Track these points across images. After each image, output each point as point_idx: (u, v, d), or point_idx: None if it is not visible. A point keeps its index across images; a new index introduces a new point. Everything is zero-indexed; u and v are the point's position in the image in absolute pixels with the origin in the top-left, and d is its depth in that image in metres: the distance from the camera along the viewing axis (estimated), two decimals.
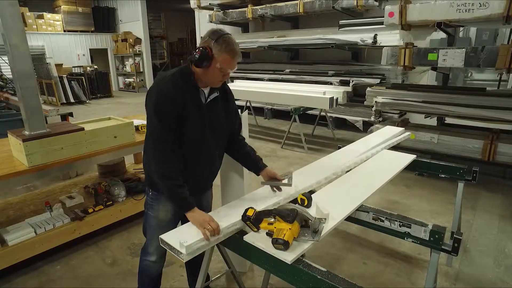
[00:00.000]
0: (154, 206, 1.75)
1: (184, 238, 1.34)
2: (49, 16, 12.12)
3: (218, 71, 1.52)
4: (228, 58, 1.50)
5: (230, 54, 1.49)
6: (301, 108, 5.41)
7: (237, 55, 1.52)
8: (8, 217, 2.83)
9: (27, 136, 2.38)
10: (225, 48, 1.48)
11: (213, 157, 1.75)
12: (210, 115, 1.64)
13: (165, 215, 1.75)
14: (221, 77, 1.55)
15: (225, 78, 1.58)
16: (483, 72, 6.00)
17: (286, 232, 1.26)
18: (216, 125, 1.69)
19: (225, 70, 1.52)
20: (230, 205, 1.66)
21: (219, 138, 1.73)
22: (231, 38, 1.51)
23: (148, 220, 1.80)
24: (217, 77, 1.55)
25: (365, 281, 2.36)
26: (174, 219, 1.79)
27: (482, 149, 3.63)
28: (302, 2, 6.39)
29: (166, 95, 1.52)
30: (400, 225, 1.62)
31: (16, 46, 2.29)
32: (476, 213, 3.26)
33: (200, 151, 1.66)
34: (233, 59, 1.52)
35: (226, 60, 1.49)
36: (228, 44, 1.48)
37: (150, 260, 1.85)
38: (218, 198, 2.44)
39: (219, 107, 1.69)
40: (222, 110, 1.71)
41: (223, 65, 1.50)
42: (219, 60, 1.49)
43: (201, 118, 1.61)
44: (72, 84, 10.96)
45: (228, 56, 1.49)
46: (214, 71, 1.52)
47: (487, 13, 3.07)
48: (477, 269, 2.47)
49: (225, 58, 1.49)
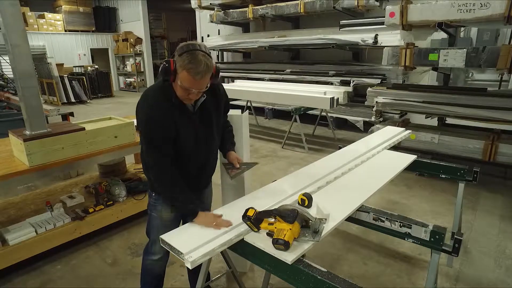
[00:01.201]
0: (157, 207, 1.77)
1: (185, 240, 1.34)
2: (50, 15, 12.14)
3: (180, 88, 1.44)
4: (187, 76, 1.39)
5: (189, 72, 1.38)
6: (302, 108, 5.41)
7: (198, 75, 1.39)
8: (9, 217, 2.84)
9: (28, 136, 2.38)
10: (185, 65, 1.38)
11: (209, 157, 1.77)
12: (201, 121, 1.64)
13: (168, 215, 1.78)
14: (185, 94, 1.46)
15: (191, 97, 1.48)
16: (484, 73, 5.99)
17: (287, 233, 1.26)
18: (209, 128, 1.69)
19: (186, 88, 1.43)
20: (230, 205, 1.66)
21: (213, 139, 1.74)
22: (195, 55, 1.38)
23: (151, 221, 1.82)
24: (181, 94, 1.48)
25: (365, 282, 2.36)
26: (176, 218, 1.83)
27: (483, 150, 3.62)
28: (303, 2, 6.39)
29: (154, 121, 1.51)
30: (401, 225, 1.62)
31: (17, 46, 2.29)
32: (476, 213, 3.26)
33: (196, 157, 1.69)
34: (193, 79, 1.39)
35: (185, 78, 1.40)
36: (189, 61, 1.37)
37: (154, 258, 1.88)
38: (219, 198, 2.44)
39: (210, 109, 1.67)
40: (213, 110, 1.69)
41: (183, 83, 1.42)
42: (180, 77, 1.42)
43: (192, 129, 1.61)
44: (73, 84, 10.97)
45: (186, 74, 1.39)
46: (177, 87, 1.46)
47: (488, 13, 3.07)
48: (477, 269, 2.47)
49: (184, 75, 1.40)
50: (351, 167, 2.15)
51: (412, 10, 3.56)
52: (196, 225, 1.49)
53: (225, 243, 1.36)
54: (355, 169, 2.15)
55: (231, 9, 7.86)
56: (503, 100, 3.50)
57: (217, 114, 1.74)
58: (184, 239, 1.36)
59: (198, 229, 1.45)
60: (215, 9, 8.33)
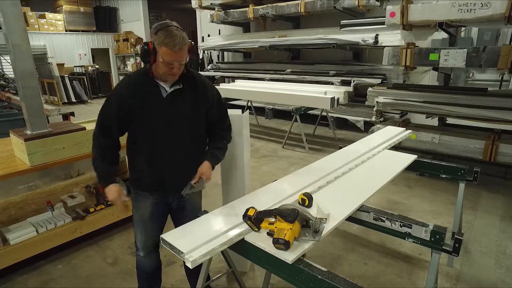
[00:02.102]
0: (134, 203, 1.85)
1: (186, 239, 1.35)
2: (51, 15, 12.15)
3: (162, 64, 1.51)
4: (166, 50, 1.47)
5: (168, 46, 1.46)
6: (302, 108, 5.41)
7: (175, 47, 1.47)
8: (10, 216, 2.84)
9: (29, 135, 2.39)
10: (162, 41, 1.46)
11: (176, 153, 1.70)
12: (170, 108, 1.63)
13: (146, 211, 1.82)
14: (168, 69, 1.53)
15: (175, 71, 1.54)
16: (484, 72, 5.99)
17: (287, 232, 1.26)
18: (178, 118, 1.66)
19: (167, 63, 1.50)
20: (231, 205, 1.66)
21: (182, 133, 1.69)
22: (170, 30, 1.47)
23: (133, 216, 1.89)
24: (164, 70, 1.53)
25: (366, 281, 2.36)
26: (156, 215, 1.84)
27: (483, 150, 3.62)
28: (304, 2, 6.39)
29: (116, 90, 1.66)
30: (401, 225, 1.62)
31: (18, 46, 2.30)
32: (477, 213, 3.26)
33: (157, 146, 1.67)
34: (171, 51, 1.47)
35: (165, 52, 1.47)
36: (165, 36, 1.46)
37: (140, 255, 1.94)
38: (219, 198, 2.44)
39: (184, 100, 1.66)
40: (188, 103, 1.67)
41: (164, 57, 1.48)
42: (160, 53, 1.49)
43: (157, 113, 1.62)
44: (74, 84, 10.98)
45: (166, 49, 1.47)
46: (159, 65, 1.52)
47: (489, 13, 3.06)
48: (478, 269, 2.47)
49: (164, 50, 1.47)
50: (351, 167, 2.15)
51: (413, 10, 3.56)
52: (197, 225, 1.49)
53: (226, 242, 1.36)
54: (356, 169, 2.15)
55: (231, 9, 7.86)
56: (504, 100, 3.50)
57: (195, 110, 1.70)
58: (184, 239, 1.36)
59: (199, 228, 1.45)
60: (215, 9, 8.34)
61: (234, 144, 2.18)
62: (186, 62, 1.59)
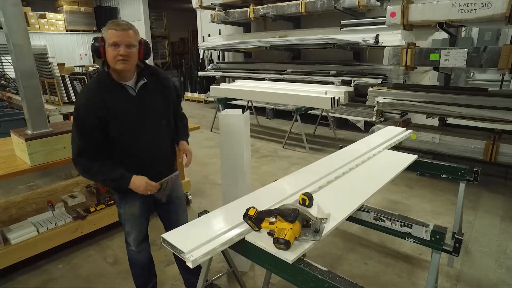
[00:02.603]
0: (121, 204, 1.87)
1: (186, 239, 1.35)
2: (52, 15, 12.16)
3: (111, 49, 1.56)
4: (113, 31, 1.56)
5: (113, 27, 1.56)
6: (303, 108, 5.41)
7: (119, 26, 1.57)
8: (10, 216, 2.85)
9: (30, 135, 2.39)
10: (108, 26, 1.58)
11: (155, 144, 1.80)
12: (143, 104, 1.70)
13: (134, 210, 1.87)
14: (115, 54, 1.57)
15: (121, 52, 1.57)
16: (485, 72, 5.98)
17: (287, 232, 1.26)
18: (152, 111, 1.75)
19: (114, 44, 1.55)
20: (231, 205, 1.67)
21: (158, 122, 1.79)
22: (116, 20, 1.61)
23: (121, 215, 1.92)
24: (113, 57, 1.57)
25: (366, 281, 2.36)
26: (143, 212, 1.92)
27: (484, 150, 3.62)
28: (304, 2, 6.39)
29: (82, 106, 1.62)
30: (401, 225, 1.62)
31: (19, 46, 2.30)
32: (477, 213, 3.26)
33: (139, 141, 1.73)
34: (117, 31, 1.56)
35: (111, 33, 1.56)
36: (111, 23, 1.58)
37: (131, 249, 1.99)
38: (220, 198, 2.45)
39: (153, 92, 1.75)
40: (157, 94, 1.77)
41: (112, 39, 1.55)
42: (107, 38, 1.57)
43: (131, 112, 1.67)
44: (74, 84, 10.90)
45: (112, 30, 1.56)
46: (109, 51, 1.58)
47: (490, 13, 3.06)
48: (478, 269, 2.47)
49: (110, 32, 1.56)
50: (352, 167, 2.15)
51: (413, 10, 3.56)
52: (197, 225, 1.49)
53: (226, 242, 1.36)
54: (356, 169, 2.15)
55: (232, 9, 7.86)
56: (504, 100, 3.50)
57: (165, 101, 1.81)
58: (185, 238, 1.36)
59: (199, 228, 1.46)
60: (216, 9, 8.34)
61: (235, 144, 2.18)
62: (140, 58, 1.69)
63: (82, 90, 1.74)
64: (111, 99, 1.63)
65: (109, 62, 1.61)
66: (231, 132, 2.18)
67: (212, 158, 5.00)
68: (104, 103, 1.61)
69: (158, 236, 1.48)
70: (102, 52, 1.59)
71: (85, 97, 1.65)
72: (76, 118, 1.63)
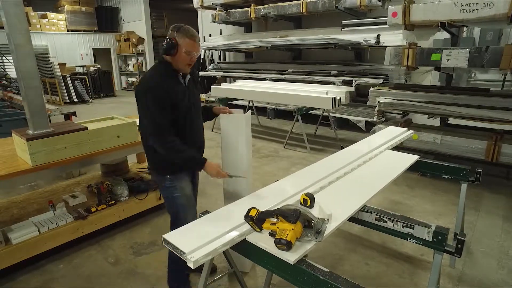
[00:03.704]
0: (177, 186, 1.99)
1: (188, 239, 1.35)
2: (53, 15, 12.19)
3: (185, 55, 1.82)
4: (190, 42, 1.81)
5: (191, 38, 1.81)
6: (304, 108, 5.41)
7: (197, 38, 1.84)
8: (12, 216, 2.85)
9: (31, 135, 2.39)
10: (186, 34, 1.80)
11: (200, 125, 2.12)
12: (191, 94, 1.97)
13: (189, 189, 2.05)
14: (188, 60, 1.85)
15: (192, 61, 1.87)
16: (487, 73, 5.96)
17: (289, 233, 1.26)
18: (196, 100, 2.06)
19: (190, 52, 1.82)
20: (232, 205, 1.66)
21: (199, 109, 2.10)
22: (189, 27, 1.83)
23: (175, 202, 2.02)
24: (185, 61, 1.84)
25: (367, 282, 2.35)
26: (191, 191, 2.09)
27: (485, 150, 3.61)
28: (305, 2, 6.38)
29: (158, 87, 1.80)
30: (403, 226, 1.61)
31: (20, 46, 2.30)
32: (479, 214, 3.25)
33: (191, 124, 1.99)
34: (194, 42, 1.83)
35: (188, 43, 1.80)
36: (188, 31, 1.81)
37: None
38: (221, 198, 2.44)
39: (193, 85, 2.05)
40: (196, 88, 2.08)
41: (187, 48, 1.80)
42: (183, 46, 1.80)
43: (187, 98, 1.93)
44: (75, 84, 11.00)
45: (189, 40, 1.80)
46: (181, 56, 1.82)
47: (492, 13, 3.06)
48: (480, 270, 2.46)
49: (187, 42, 1.80)
50: (353, 167, 2.14)
51: (415, 10, 3.55)
52: (199, 225, 1.49)
53: (228, 242, 1.36)
54: (357, 169, 2.15)
55: (233, 9, 7.86)
56: (506, 100, 3.48)
57: (198, 92, 2.15)
58: (186, 239, 1.36)
59: (201, 229, 1.45)
60: (217, 9, 8.34)
61: (236, 143, 2.18)
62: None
63: (150, 75, 1.88)
64: (174, 85, 1.87)
65: (178, 63, 1.85)
66: (232, 132, 2.18)
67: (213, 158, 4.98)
68: (172, 87, 1.85)
69: (160, 236, 1.47)
70: (174, 53, 1.80)
71: (157, 80, 1.83)
72: (155, 98, 1.79)
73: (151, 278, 2.43)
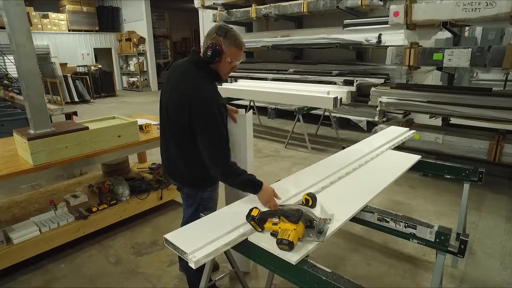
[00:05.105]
0: (213, 197, 1.91)
1: (189, 239, 1.34)
2: (54, 15, 12.19)
3: (228, 64, 1.64)
4: (237, 51, 1.63)
5: (238, 47, 1.62)
6: (305, 108, 5.40)
7: (243, 47, 1.66)
8: (13, 216, 2.85)
9: (32, 135, 2.39)
10: (233, 42, 1.60)
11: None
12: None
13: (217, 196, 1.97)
14: (230, 69, 1.68)
15: (234, 70, 1.71)
16: (489, 72, 5.94)
17: (291, 233, 1.25)
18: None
19: (234, 62, 1.65)
20: (234, 205, 1.66)
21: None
22: (236, 32, 1.63)
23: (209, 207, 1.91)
24: (226, 70, 1.67)
25: (369, 282, 2.34)
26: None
27: (488, 150, 3.59)
28: (306, 1, 6.37)
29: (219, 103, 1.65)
30: (406, 226, 1.60)
31: (21, 46, 2.30)
32: (481, 214, 3.23)
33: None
34: (240, 51, 1.65)
35: (235, 53, 1.62)
36: (236, 38, 1.60)
37: None
38: (221, 198, 2.44)
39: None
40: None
41: (232, 58, 1.63)
42: (228, 54, 1.61)
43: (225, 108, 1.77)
44: (77, 83, 11.01)
45: (236, 50, 1.62)
46: (225, 65, 1.64)
47: (494, 13, 3.04)
48: (483, 271, 2.45)
49: (234, 51, 1.61)
50: (355, 167, 2.14)
51: (417, 9, 3.54)
52: (200, 225, 1.48)
53: (229, 243, 1.35)
54: (359, 169, 2.14)
55: (234, 9, 7.86)
56: (508, 100, 3.47)
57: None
58: (187, 239, 1.36)
59: (202, 229, 1.45)
60: (218, 8, 8.33)
61: (237, 143, 2.17)
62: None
63: (207, 87, 1.64)
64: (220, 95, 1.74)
65: (220, 71, 1.67)
66: (234, 132, 2.17)
67: None
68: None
69: (161, 236, 1.47)
70: (219, 60, 1.61)
71: (216, 93, 1.68)
72: (219, 113, 1.62)
73: (152, 278, 2.43)
